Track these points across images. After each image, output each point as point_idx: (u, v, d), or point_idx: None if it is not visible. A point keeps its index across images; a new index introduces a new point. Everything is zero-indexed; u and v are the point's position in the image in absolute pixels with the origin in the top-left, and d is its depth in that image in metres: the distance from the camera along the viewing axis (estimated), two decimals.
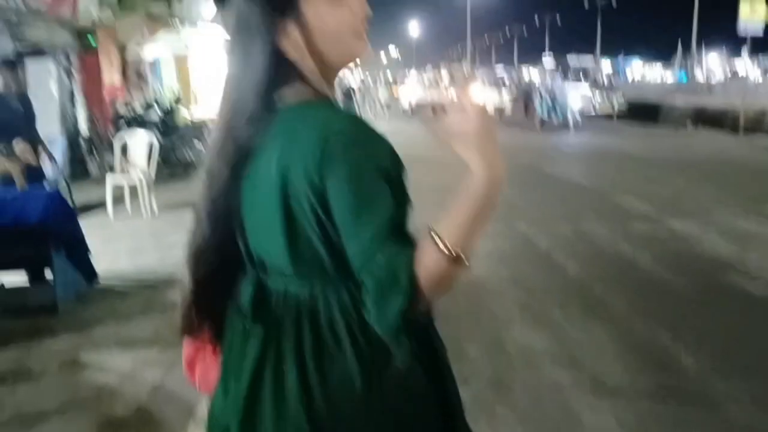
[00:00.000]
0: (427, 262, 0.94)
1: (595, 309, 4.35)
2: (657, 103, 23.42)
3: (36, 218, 4.11)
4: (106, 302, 4.57)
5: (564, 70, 22.12)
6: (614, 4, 44.91)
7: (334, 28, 1.08)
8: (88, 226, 6.86)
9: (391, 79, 41.77)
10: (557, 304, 4.44)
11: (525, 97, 26.46)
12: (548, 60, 24.82)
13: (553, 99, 19.49)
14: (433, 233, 0.95)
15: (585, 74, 22.45)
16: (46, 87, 9.89)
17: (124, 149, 7.67)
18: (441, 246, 0.94)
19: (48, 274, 4.39)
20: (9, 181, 4.24)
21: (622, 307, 4.38)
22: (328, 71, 1.11)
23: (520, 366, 3.54)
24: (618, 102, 23.39)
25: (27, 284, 4.46)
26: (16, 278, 4.48)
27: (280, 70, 1.08)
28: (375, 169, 0.99)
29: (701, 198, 8.05)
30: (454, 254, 0.94)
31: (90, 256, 4.73)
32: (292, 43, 1.07)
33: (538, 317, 4.20)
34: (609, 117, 23.03)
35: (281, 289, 1.10)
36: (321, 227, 1.02)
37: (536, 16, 63.90)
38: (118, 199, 7.63)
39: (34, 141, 4.87)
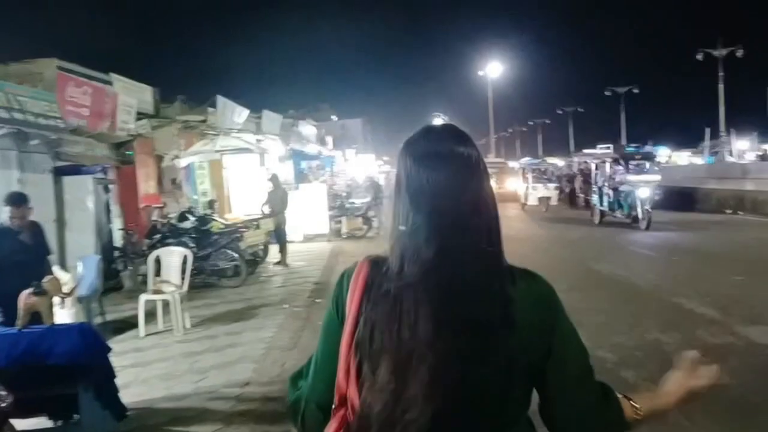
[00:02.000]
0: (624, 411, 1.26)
1: None
2: (692, 188, 23.00)
3: (65, 356, 3.83)
4: None
5: (625, 159, 18.22)
6: (636, 90, 45.48)
7: None
8: (119, 346, 6.65)
9: None
10: None
11: (565, 185, 25.90)
12: (604, 148, 22.47)
13: (616, 191, 16.92)
14: (632, 401, 1.26)
15: (648, 159, 19.23)
16: (83, 202, 9.94)
17: (158, 265, 7.50)
18: (638, 410, 1.26)
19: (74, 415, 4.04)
20: (37, 318, 3.99)
21: None
22: None
23: None
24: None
25: (52, 426, 4.11)
26: (39, 420, 4.14)
27: None
28: None
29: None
30: (640, 418, 1.26)
31: (119, 393, 4.37)
32: None
33: None
34: None
35: None
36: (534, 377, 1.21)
37: (560, 109, 64.99)
38: (151, 313, 7.39)
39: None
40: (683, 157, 46.78)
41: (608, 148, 20.88)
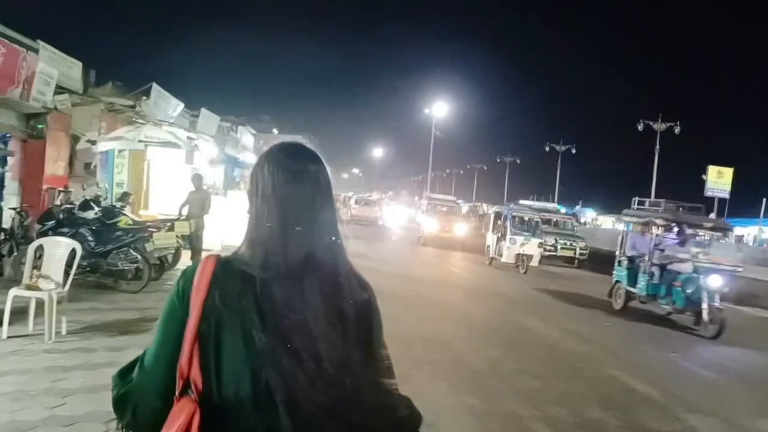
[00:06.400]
0: None
1: None
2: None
3: None
4: None
5: (689, 226, 12.13)
6: (574, 150, 46.78)
7: None
8: None
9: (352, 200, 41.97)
10: None
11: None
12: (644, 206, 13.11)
13: (664, 270, 11.19)
14: None
15: (720, 230, 13.68)
16: None
17: (40, 256, 6.35)
18: None
19: None
20: None
21: None
22: None
23: None
24: (580, 248, 23.14)
25: None
26: None
27: None
28: None
29: (712, 387, 7.04)
30: None
31: None
32: None
33: None
34: (570, 261, 22.63)
35: None
36: None
37: (498, 157, 66.12)
38: (22, 312, 6.22)
39: None
40: (608, 221, 48.32)
41: (656, 205, 12.94)
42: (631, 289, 11.81)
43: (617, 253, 13.14)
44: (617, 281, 12.42)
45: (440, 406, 5.24)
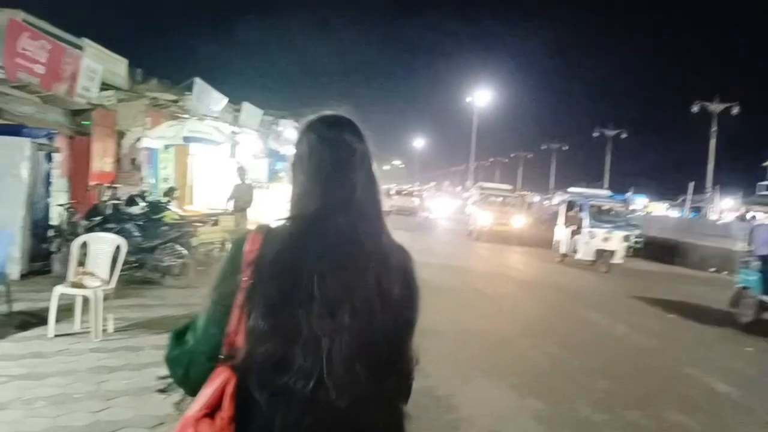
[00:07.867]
0: None
1: None
2: (675, 241, 22.29)
3: None
4: None
5: None
6: (625, 135, 45.20)
7: None
8: (17, 346, 5.40)
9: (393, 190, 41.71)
10: None
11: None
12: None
13: None
14: None
15: None
16: (16, 167, 8.56)
17: (85, 253, 6.22)
18: None
19: None
20: None
21: None
22: None
23: None
24: (635, 238, 22.25)
25: None
26: None
27: None
28: None
29: None
30: None
31: None
32: None
33: None
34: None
35: None
36: None
37: (545, 144, 64.41)
38: (70, 310, 6.10)
39: None
40: (660, 208, 46.56)
41: None
42: (767, 298, 9.25)
43: (742, 250, 10.48)
44: (744, 287, 9.74)
45: (503, 411, 4.87)
